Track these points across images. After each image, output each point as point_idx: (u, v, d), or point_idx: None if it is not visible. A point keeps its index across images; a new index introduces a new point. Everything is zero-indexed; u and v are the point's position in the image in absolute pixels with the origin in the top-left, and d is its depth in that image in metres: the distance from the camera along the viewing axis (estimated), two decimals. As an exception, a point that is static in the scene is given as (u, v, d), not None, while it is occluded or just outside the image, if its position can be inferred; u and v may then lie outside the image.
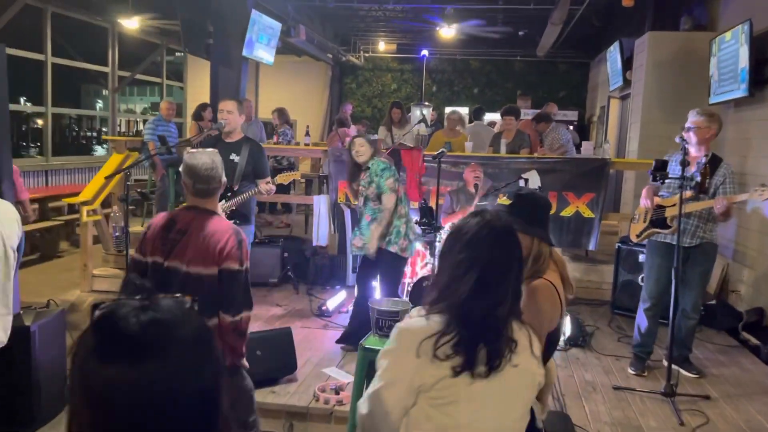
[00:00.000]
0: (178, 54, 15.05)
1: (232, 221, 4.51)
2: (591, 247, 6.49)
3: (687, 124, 4.21)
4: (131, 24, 10.55)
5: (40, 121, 13.02)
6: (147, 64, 12.38)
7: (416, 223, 3.96)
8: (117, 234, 6.40)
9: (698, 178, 3.94)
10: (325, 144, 9.18)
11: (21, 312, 3.61)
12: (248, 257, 2.90)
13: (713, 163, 4.10)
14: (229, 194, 4.44)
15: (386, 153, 6.12)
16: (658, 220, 4.24)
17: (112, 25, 11.35)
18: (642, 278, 4.53)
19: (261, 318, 5.41)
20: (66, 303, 6.18)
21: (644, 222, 4.35)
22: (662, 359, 4.67)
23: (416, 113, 8.28)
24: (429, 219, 3.86)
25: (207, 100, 8.66)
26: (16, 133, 10.20)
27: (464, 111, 11.96)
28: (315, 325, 5.29)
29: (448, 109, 13.35)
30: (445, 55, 14.52)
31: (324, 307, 5.46)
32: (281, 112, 8.83)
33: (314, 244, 6.77)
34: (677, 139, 3.78)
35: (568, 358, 4.78)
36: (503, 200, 2.22)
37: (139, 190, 7.94)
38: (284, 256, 6.54)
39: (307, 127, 8.09)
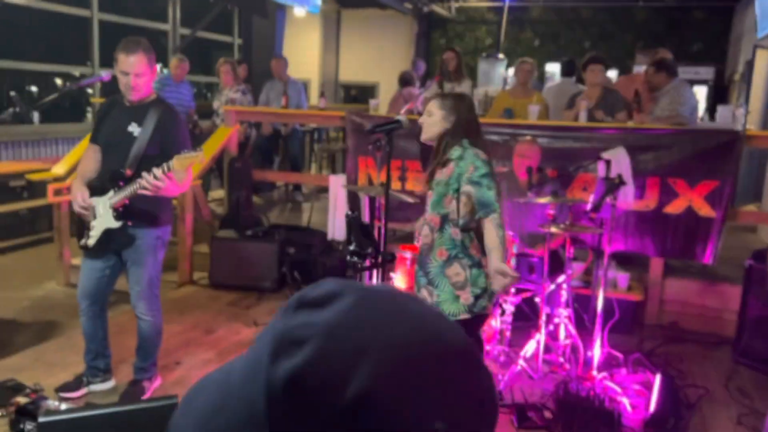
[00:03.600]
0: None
1: (123, 222, 3.14)
2: (708, 259, 4.48)
3: None
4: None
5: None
6: (207, 21, 11.28)
7: (345, 253, 2.34)
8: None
9: None
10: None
11: None
12: None
13: None
14: (121, 183, 3.01)
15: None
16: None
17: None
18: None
19: (218, 346, 4.01)
20: (34, 298, 5.19)
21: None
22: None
23: (484, 69, 6.42)
24: (365, 242, 2.22)
25: (290, 61, 7.41)
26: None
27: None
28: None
29: (548, 67, 11.29)
30: (550, 2, 12.28)
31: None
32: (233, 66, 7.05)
33: (329, 237, 5.28)
34: None
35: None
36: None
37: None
38: (286, 252, 5.11)
39: (322, 86, 6.52)
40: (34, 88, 10.23)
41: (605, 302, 3.63)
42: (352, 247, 2.22)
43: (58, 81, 9.80)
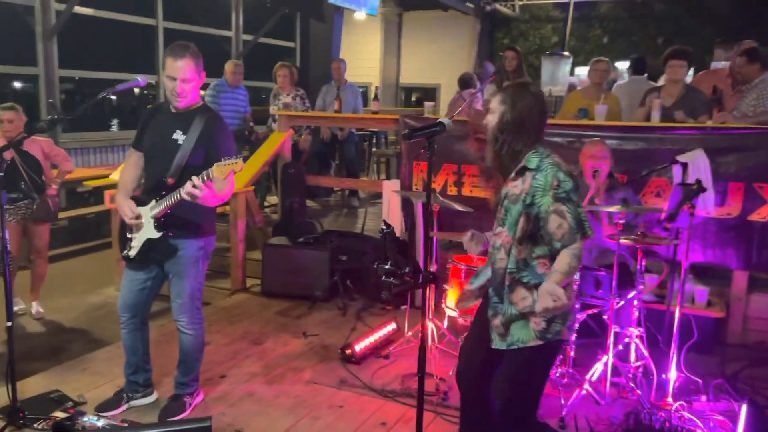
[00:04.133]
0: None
1: (163, 233, 3.04)
2: (799, 273, 4.04)
3: None
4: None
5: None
6: (269, 27, 11.32)
7: (380, 272, 2.10)
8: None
9: None
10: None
11: None
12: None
13: None
14: (163, 192, 2.90)
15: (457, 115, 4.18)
16: None
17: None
18: None
19: (265, 358, 3.87)
20: (91, 304, 5.26)
21: None
22: None
23: (548, 68, 6.09)
24: (401, 260, 1.99)
25: (351, 65, 7.32)
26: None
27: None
28: (328, 378, 3.61)
29: (618, 65, 10.75)
30: (621, -3, 11.77)
31: (348, 350, 3.75)
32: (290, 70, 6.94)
33: (383, 245, 5.08)
34: None
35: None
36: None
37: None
38: (338, 259, 4.95)
39: (376, 89, 6.33)
40: (112, 97, 10.54)
41: (682, 319, 3.29)
42: (387, 266, 2.00)
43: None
